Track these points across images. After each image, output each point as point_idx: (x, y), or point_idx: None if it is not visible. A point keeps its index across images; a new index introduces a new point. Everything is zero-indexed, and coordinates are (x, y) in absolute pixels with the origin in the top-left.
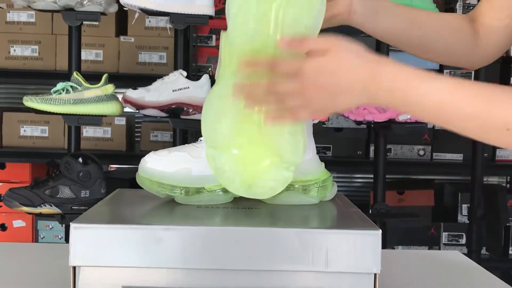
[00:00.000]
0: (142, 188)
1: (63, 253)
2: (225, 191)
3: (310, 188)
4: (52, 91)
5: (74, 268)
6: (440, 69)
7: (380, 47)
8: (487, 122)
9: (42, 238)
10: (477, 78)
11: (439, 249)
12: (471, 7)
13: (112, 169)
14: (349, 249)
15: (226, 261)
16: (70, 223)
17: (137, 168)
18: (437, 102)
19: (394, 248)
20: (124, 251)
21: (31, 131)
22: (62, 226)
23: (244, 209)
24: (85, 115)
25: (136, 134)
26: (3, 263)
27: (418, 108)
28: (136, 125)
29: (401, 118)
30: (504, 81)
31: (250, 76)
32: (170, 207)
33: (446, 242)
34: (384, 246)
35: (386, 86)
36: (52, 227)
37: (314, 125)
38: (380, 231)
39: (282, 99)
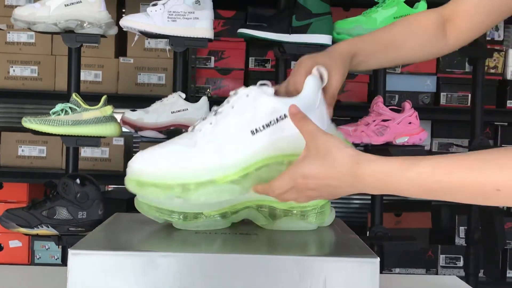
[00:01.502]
0: (139, 212)
1: (60, 277)
2: (223, 216)
3: (308, 214)
4: (51, 112)
5: None
6: (437, 92)
7: (378, 70)
8: (474, 189)
9: (38, 259)
10: (474, 101)
11: (437, 271)
12: None
13: (109, 189)
14: (347, 277)
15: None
16: (69, 249)
17: None
18: (422, 187)
19: (391, 271)
20: (122, 277)
21: (29, 151)
22: (58, 247)
23: (242, 234)
24: (84, 136)
25: (134, 155)
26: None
27: (406, 192)
28: (134, 145)
29: (398, 141)
30: (500, 105)
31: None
32: (168, 232)
33: (444, 265)
34: (382, 268)
35: (368, 185)
36: (49, 248)
37: None
38: (378, 259)
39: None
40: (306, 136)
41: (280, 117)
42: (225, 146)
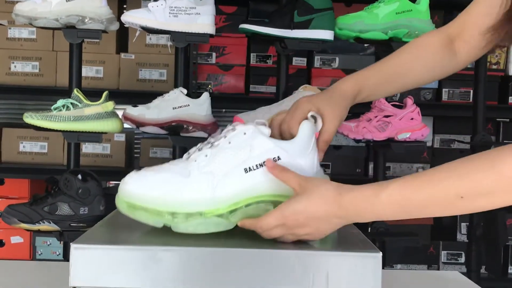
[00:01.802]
0: None
1: (62, 272)
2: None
3: None
4: (52, 108)
5: None
6: (439, 88)
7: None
8: (440, 201)
9: (39, 255)
10: (476, 97)
11: (438, 268)
12: None
13: (111, 185)
14: (350, 271)
15: (226, 282)
16: (71, 243)
17: None
18: (394, 207)
19: (393, 267)
20: (124, 272)
21: (30, 147)
22: (60, 243)
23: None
24: (85, 132)
25: (135, 151)
26: (2, 281)
27: (385, 216)
28: (135, 141)
29: (400, 137)
30: (502, 101)
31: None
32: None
33: (445, 261)
34: (383, 265)
35: (352, 212)
36: (50, 244)
37: None
38: (381, 253)
39: (281, 239)
40: (291, 183)
41: (274, 158)
42: (218, 180)
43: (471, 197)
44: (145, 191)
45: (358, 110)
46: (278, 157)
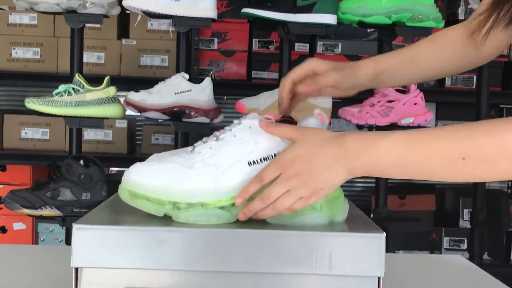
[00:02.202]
0: None
1: (64, 255)
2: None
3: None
4: (54, 93)
5: (77, 269)
6: None
7: (382, 49)
8: (441, 158)
9: (42, 241)
10: (479, 83)
11: (440, 254)
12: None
13: (112, 172)
14: (353, 252)
15: (229, 263)
16: (73, 224)
17: None
18: (396, 156)
19: (395, 253)
20: (127, 252)
21: (32, 134)
22: (62, 228)
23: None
24: (87, 117)
25: (137, 137)
26: (4, 264)
27: (383, 164)
28: (137, 128)
29: (403, 122)
30: (506, 86)
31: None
32: None
33: (448, 247)
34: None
35: (352, 152)
36: (53, 230)
37: None
38: (384, 234)
39: (279, 204)
40: (290, 134)
41: (278, 152)
42: (221, 173)
43: (473, 160)
44: (147, 180)
45: (361, 96)
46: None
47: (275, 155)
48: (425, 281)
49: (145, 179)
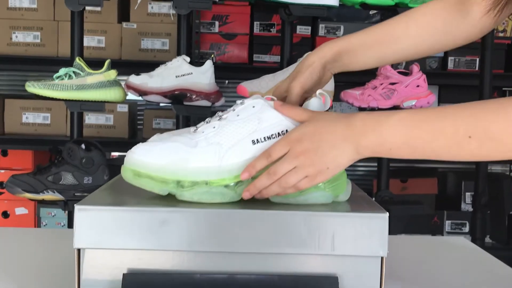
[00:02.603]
0: None
1: (67, 237)
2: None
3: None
4: (54, 76)
5: (79, 250)
6: (445, 57)
7: None
8: (448, 136)
9: (44, 225)
10: (482, 65)
11: None
12: None
13: (114, 157)
14: (356, 232)
15: (232, 244)
16: (75, 205)
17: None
18: (402, 134)
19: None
20: (129, 233)
21: (33, 118)
22: (64, 213)
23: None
24: (88, 101)
25: (138, 122)
26: (7, 247)
27: (390, 143)
28: (138, 112)
29: (406, 104)
30: (509, 68)
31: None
32: None
33: (449, 231)
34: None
35: (360, 131)
36: (55, 215)
37: None
38: (387, 214)
39: (285, 181)
40: (302, 116)
41: (282, 132)
42: (225, 151)
43: (480, 139)
44: (151, 159)
45: (363, 79)
46: (286, 130)
47: (278, 134)
48: (428, 262)
49: (148, 159)
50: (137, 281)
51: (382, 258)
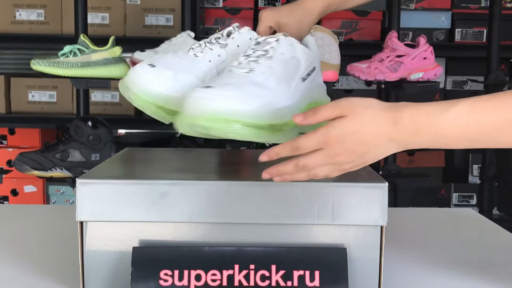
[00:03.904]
0: (150, 147)
1: (73, 212)
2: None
3: None
4: (59, 54)
5: (82, 223)
6: (452, 28)
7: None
8: None
9: (53, 203)
10: (490, 36)
11: None
12: None
13: (120, 135)
14: (356, 202)
15: (231, 216)
16: (76, 179)
17: (148, 133)
18: (461, 128)
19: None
20: (130, 206)
21: (39, 97)
22: (73, 190)
23: (250, 164)
24: (93, 78)
25: None
26: (16, 222)
27: (447, 139)
28: None
29: (413, 77)
30: None
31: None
32: (178, 164)
33: (457, 203)
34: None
35: (410, 130)
36: (63, 192)
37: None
38: (387, 183)
39: (314, 174)
40: (333, 113)
41: (314, 68)
42: (293, 90)
43: None
44: (244, 106)
45: (370, 52)
46: (314, 67)
47: (313, 69)
48: (435, 232)
49: (240, 105)
50: (147, 254)
51: (382, 227)
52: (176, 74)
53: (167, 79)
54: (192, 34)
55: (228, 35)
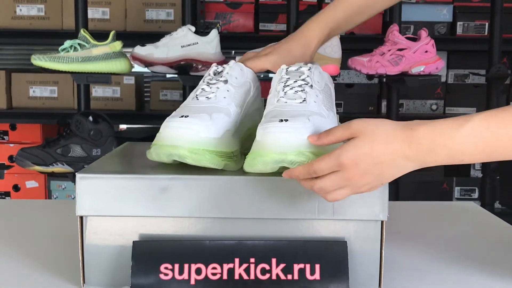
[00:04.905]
0: (151, 142)
1: (74, 207)
2: None
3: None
4: (60, 49)
5: (82, 217)
6: (453, 22)
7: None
8: None
9: (55, 198)
10: (492, 29)
11: None
12: None
13: (122, 130)
14: (356, 197)
15: (231, 211)
16: (76, 173)
17: (149, 128)
18: (478, 143)
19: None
20: (130, 200)
21: (40, 92)
22: (74, 185)
23: None
24: (94, 73)
25: (145, 94)
26: (18, 217)
27: (463, 155)
28: (145, 84)
29: (414, 70)
30: None
31: None
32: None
33: (459, 197)
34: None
35: (426, 148)
36: (65, 187)
37: None
38: None
39: (331, 197)
40: (344, 134)
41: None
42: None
43: None
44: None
45: (371, 46)
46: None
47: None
48: (438, 226)
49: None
50: (147, 248)
51: (382, 222)
52: (210, 117)
53: (207, 122)
54: (193, 29)
55: (220, 73)
